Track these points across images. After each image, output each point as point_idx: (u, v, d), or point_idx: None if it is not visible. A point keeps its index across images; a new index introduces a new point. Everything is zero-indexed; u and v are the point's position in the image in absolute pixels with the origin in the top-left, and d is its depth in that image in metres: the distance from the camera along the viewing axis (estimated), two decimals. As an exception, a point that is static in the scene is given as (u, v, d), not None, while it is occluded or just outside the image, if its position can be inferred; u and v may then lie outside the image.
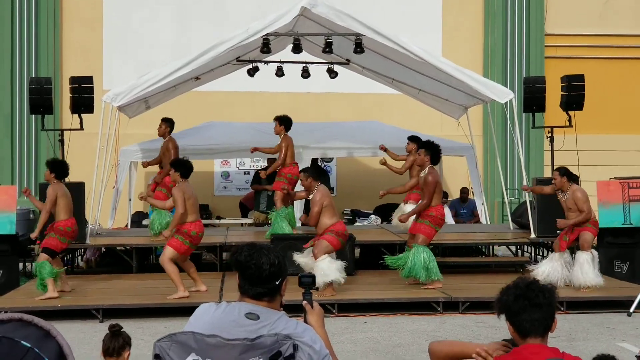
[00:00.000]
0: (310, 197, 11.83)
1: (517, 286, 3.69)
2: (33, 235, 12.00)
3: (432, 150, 12.18)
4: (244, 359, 3.32)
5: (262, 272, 3.52)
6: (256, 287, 3.54)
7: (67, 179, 13.93)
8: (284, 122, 14.55)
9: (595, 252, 12.47)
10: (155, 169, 15.28)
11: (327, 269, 11.38)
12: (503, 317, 3.75)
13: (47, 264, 11.47)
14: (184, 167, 11.66)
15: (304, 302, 3.82)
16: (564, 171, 12.38)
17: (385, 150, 15.27)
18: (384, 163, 14.71)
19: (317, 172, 12.29)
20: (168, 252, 11.39)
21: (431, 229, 12.15)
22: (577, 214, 12.16)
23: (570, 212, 12.25)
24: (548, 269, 12.21)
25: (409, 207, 13.91)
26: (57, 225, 11.69)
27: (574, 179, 12.38)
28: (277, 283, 3.57)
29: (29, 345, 2.29)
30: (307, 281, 3.89)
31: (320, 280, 10.94)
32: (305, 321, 3.74)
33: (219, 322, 3.48)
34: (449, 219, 17.44)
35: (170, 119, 14.85)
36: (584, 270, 12.07)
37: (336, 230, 11.61)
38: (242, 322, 3.46)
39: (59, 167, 12.02)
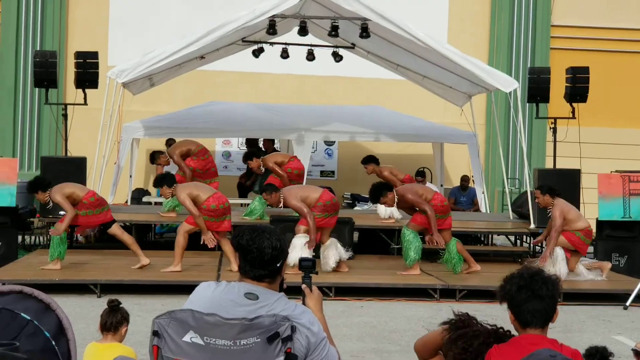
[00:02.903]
0: (282, 206, 12.06)
1: (522, 276, 3.70)
2: (56, 232, 11.76)
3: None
4: (242, 339, 3.33)
5: (264, 256, 3.53)
6: (257, 269, 3.55)
7: (69, 153, 13.95)
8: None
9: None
10: (155, 146, 15.27)
11: (298, 246, 11.46)
12: (503, 304, 3.76)
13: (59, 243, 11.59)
14: (172, 180, 11.99)
15: (303, 286, 3.83)
16: (546, 189, 12.26)
17: None
18: None
19: (273, 187, 12.40)
20: (185, 226, 11.71)
21: (419, 215, 12.22)
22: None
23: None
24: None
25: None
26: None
27: (557, 193, 12.26)
28: (277, 265, 3.58)
29: (29, 318, 2.30)
30: (307, 265, 3.90)
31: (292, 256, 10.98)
32: (304, 304, 3.74)
33: (218, 301, 3.48)
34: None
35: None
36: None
37: (323, 204, 11.85)
38: (241, 302, 3.47)
39: (42, 184, 11.96)
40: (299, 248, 11.47)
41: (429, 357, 4.02)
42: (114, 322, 5.64)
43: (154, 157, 15.11)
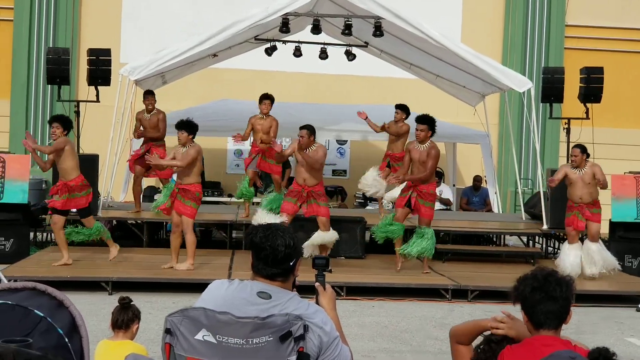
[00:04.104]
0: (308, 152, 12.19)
1: (535, 277, 3.66)
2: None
3: (432, 125, 12.14)
4: (254, 337, 3.32)
5: (278, 254, 3.51)
6: (270, 267, 3.53)
7: (81, 151, 13.97)
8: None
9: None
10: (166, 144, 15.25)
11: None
12: (517, 305, 3.73)
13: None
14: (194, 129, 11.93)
15: (317, 284, 3.81)
16: (584, 148, 12.49)
17: (366, 118, 15.14)
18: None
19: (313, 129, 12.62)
20: (189, 221, 11.76)
21: (432, 210, 12.24)
22: (591, 188, 12.33)
23: (587, 186, 12.32)
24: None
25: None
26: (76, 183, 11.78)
27: (588, 155, 12.56)
28: (291, 264, 3.56)
29: (42, 315, 2.29)
30: (321, 263, 3.88)
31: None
32: (317, 303, 3.72)
33: (231, 299, 3.47)
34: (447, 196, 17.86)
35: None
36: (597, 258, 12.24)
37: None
38: (254, 301, 3.45)
39: (67, 121, 11.98)
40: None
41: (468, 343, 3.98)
42: (125, 320, 5.63)
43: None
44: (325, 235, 12.24)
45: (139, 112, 14.50)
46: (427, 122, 12.04)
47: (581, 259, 12.24)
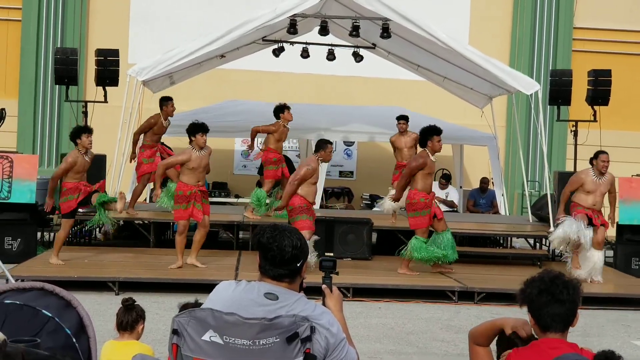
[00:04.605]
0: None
1: (542, 280, 3.66)
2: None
3: (423, 136, 12.13)
4: (261, 339, 3.32)
5: (285, 254, 3.51)
6: (277, 268, 3.54)
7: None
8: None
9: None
10: (174, 144, 15.26)
11: None
12: (523, 308, 3.73)
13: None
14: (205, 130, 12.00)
15: (324, 286, 3.81)
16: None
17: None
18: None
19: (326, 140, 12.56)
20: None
21: (417, 219, 12.06)
22: (603, 197, 12.22)
23: (602, 194, 12.23)
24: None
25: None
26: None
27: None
28: (298, 265, 3.56)
29: (50, 315, 2.29)
30: (328, 265, 3.88)
31: None
32: (324, 304, 3.73)
33: (238, 300, 3.47)
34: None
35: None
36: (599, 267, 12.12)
37: None
38: (261, 302, 3.46)
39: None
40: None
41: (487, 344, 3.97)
42: (129, 321, 5.63)
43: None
44: None
45: (155, 116, 14.37)
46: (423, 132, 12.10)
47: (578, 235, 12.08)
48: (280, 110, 14.39)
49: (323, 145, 11.94)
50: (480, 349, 3.93)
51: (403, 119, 15.01)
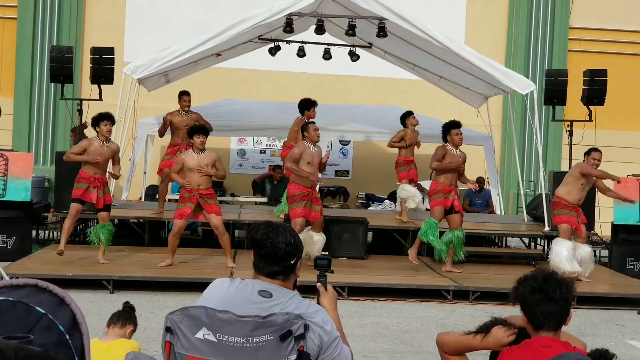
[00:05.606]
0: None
1: (535, 278, 3.67)
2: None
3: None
4: (255, 336, 3.33)
5: (278, 251, 3.52)
6: (271, 265, 3.54)
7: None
8: None
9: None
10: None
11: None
12: (516, 306, 3.73)
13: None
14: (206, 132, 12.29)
15: (318, 284, 3.82)
16: None
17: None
18: None
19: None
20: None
21: (432, 201, 12.61)
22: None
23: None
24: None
25: (408, 187, 14.59)
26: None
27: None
28: (292, 262, 3.56)
29: (44, 312, 2.29)
30: (323, 264, 3.89)
31: None
32: (319, 303, 3.73)
33: (232, 298, 3.48)
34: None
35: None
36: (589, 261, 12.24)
37: None
38: (255, 299, 3.46)
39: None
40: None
41: (457, 355, 3.97)
42: (122, 317, 5.62)
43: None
44: None
45: (171, 113, 14.45)
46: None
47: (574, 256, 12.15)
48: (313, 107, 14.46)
49: (305, 127, 12.27)
50: (453, 358, 3.94)
51: (412, 114, 15.18)
